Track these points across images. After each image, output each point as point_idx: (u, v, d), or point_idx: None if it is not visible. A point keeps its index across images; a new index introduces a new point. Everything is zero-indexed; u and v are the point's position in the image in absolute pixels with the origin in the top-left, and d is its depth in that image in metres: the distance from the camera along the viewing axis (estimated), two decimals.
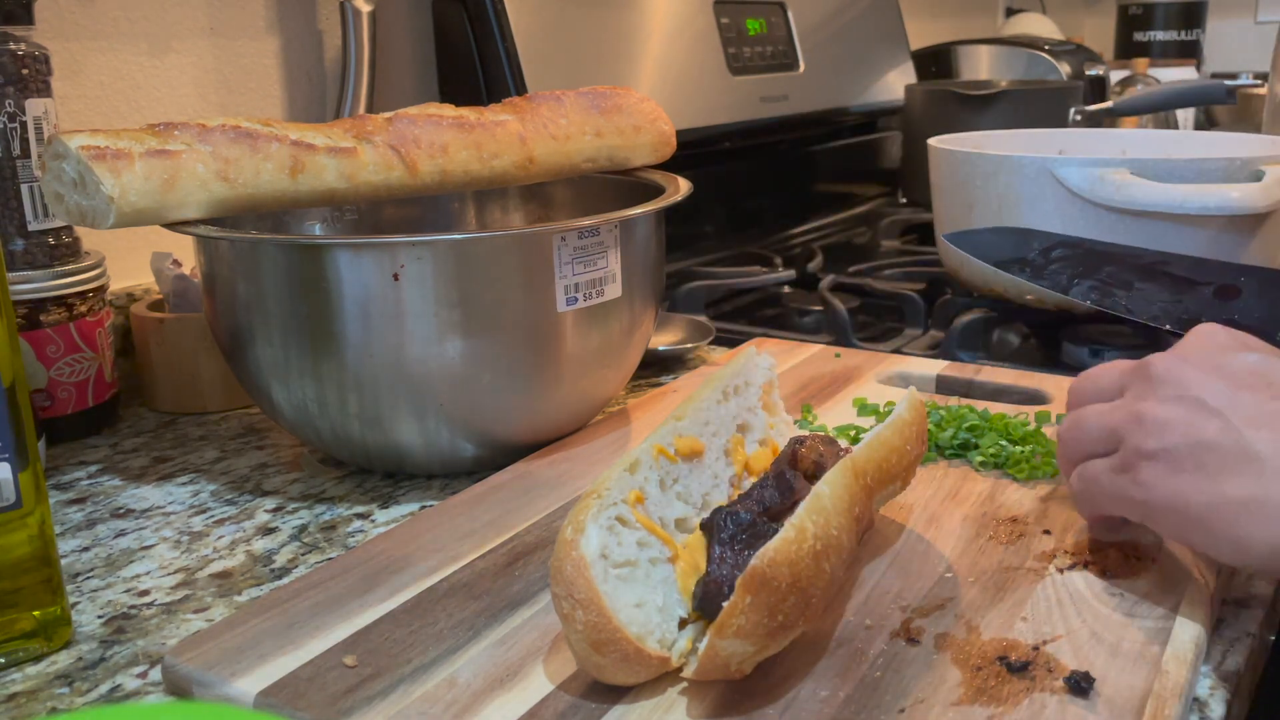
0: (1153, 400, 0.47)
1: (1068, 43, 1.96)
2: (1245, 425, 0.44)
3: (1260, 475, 0.43)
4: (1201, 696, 0.45)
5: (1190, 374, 0.47)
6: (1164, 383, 0.47)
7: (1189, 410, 0.46)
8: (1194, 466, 0.45)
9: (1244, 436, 0.44)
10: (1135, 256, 0.63)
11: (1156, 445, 0.46)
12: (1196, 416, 0.45)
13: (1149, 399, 0.48)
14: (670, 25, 1.21)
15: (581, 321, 0.64)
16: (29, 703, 0.45)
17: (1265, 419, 0.44)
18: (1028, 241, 0.66)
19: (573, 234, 0.62)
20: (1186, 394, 0.46)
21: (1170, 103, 1.52)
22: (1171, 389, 0.47)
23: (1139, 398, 0.48)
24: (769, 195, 1.43)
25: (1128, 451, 0.48)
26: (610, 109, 0.76)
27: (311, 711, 0.42)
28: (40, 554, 0.48)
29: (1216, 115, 2.29)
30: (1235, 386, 0.46)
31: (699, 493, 0.49)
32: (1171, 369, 0.47)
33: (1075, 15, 3.02)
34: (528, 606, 0.49)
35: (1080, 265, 0.67)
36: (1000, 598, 0.49)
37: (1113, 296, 0.66)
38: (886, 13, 1.64)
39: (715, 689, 0.43)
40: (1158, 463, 0.46)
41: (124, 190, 0.58)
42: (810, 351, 0.85)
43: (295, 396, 0.63)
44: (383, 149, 0.66)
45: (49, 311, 0.72)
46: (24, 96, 0.69)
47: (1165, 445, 0.46)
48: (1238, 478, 0.44)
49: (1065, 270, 0.66)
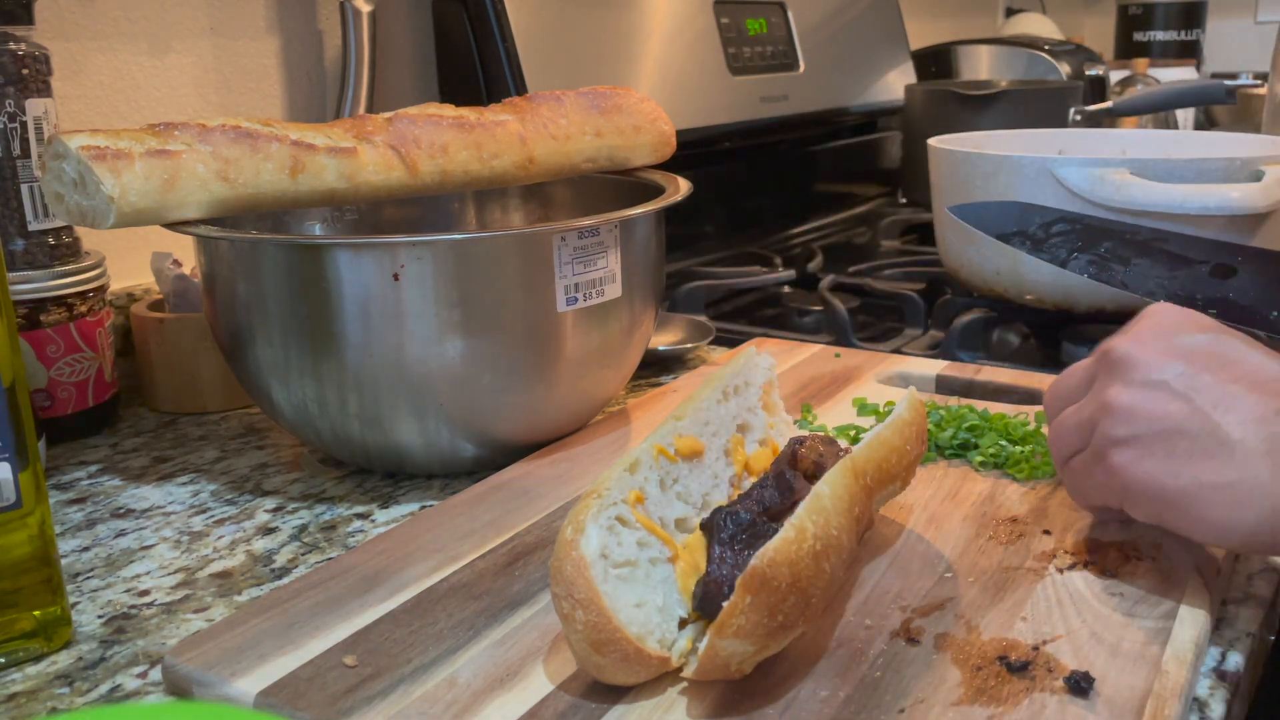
0: (1117, 386, 0.48)
1: (1068, 43, 1.96)
2: (1212, 408, 0.45)
3: (1232, 458, 0.44)
4: (1201, 696, 0.45)
5: (1150, 356, 0.47)
6: (1126, 367, 0.48)
7: (1154, 394, 0.46)
8: (1164, 451, 0.46)
9: (1212, 419, 0.45)
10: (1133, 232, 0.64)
11: (1126, 431, 0.47)
12: (1162, 400, 0.46)
13: (1113, 385, 0.48)
14: (670, 25, 1.21)
15: (581, 321, 0.64)
16: (29, 703, 0.45)
17: (1230, 400, 0.45)
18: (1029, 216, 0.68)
19: (573, 234, 0.62)
20: (1149, 378, 0.47)
21: (1170, 103, 1.52)
22: (1134, 373, 0.47)
23: (1104, 386, 0.49)
24: (769, 195, 1.43)
25: (1099, 440, 0.49)
26: (610, 109, 0.76)
27: (311, 711, 0.42)
28: (40, 554, 0.48)
29: (1216, 115, 2.29)
30: (1196, 368, 0.46)
31: (699, 493, 0.49)
32: (1130, 353, 0.48)
33: (1075, 15, 3.02)
34: (528, 606, 0.49)
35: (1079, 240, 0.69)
36: (1000, 598, 0.49)
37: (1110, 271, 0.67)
38: (886, 13, 1.64)
39: (715, 689, 0.43)
40: (1128, 448, 0.47)
41: (124, 190, 0.58)
42: (810, 351, 0.85)
43: (295, 396, 0.63)
44: (383, 149, 0.66)
45: (49, 311, 0.72)
46: (24, 96, 0.69)
47: (1134, 431, 0.47)
48: (1210, 461, 0.45)
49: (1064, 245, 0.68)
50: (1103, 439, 0.48)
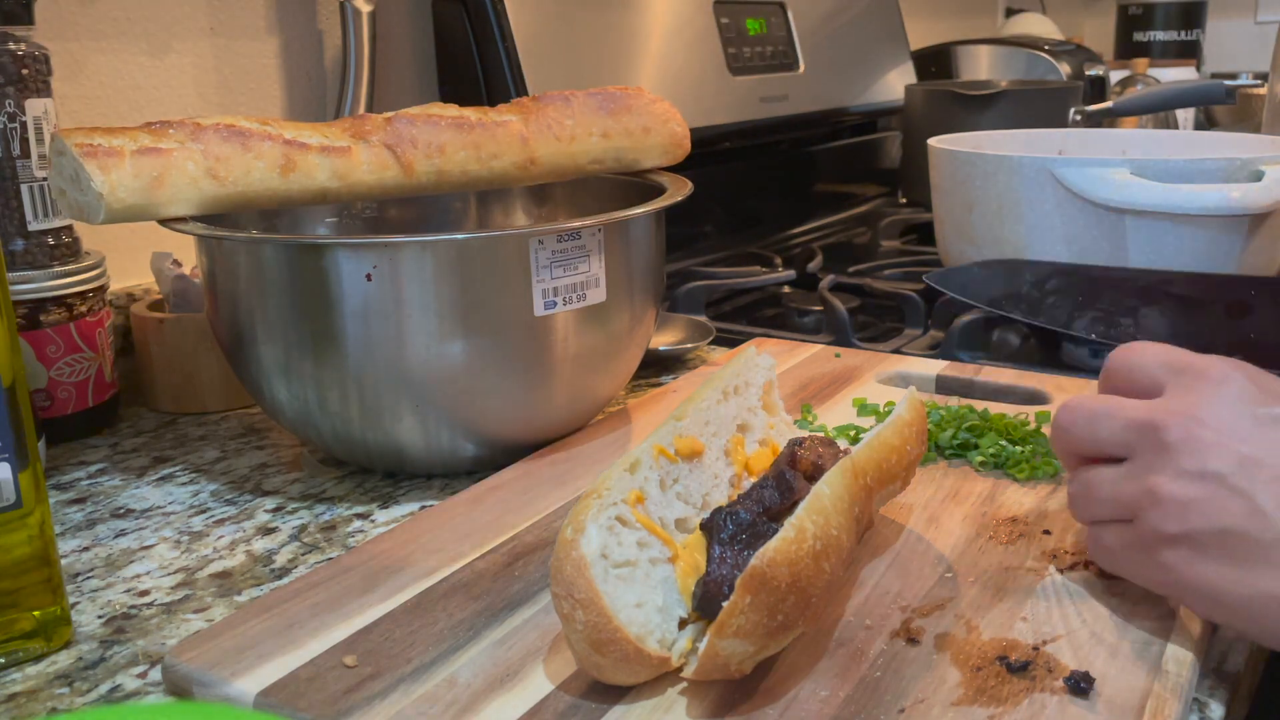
0: (1168, 474, 0.43)
1: (1068, 43, 1.96)
2: (1275, 508, 0.41)
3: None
4: (1201, 696, 0.45)
5: (1208, 442, 0.42)
6: (1178, 453, 0.43)
7: (1210, 489, 0.42)
8: (1221, 553, 0.42)
9: (1274, 523, 0.41)
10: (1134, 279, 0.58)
11: (1178, 529, 0.43)
12: (1218, 497, 0.42)
13: (1163, 472, 0.43)
14: (670, 25, 1.21)
15: (581, 322, 0.64)
16: (29, 703, 0.45)
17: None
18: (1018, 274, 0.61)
19: (551, 237, 0.61)
20: (1205, 469, 0.42)
21: (1170, 103, 1.52)
22: (1187, 461, 0.43)
23: (1150, 470, 0.44)
24: (769, 195, 1.43)
25: (1145, 532, 0.44)
26: (619, 110, 0.75)
27: (311, 711, 0.42)
28: (40, 554, 0.48)
29: (1216, 115, 2.29)
30: (1257, 456, 0.42)
31: (699, 493, 0.49)
32: (1187, 437, 0.43)
33: (1075, 15, 3.02)
34: (528, 606, 0.49)
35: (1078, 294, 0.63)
36: (1000, 598, 0.49)
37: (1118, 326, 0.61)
38: (886, 13, 1.64)
39: (715, 689, 0.43)
40: (1182, 548, 0.43)
41: (113, 186, 0.58)
42: (810, 351, 0.85)
43: (296, 395, 0.63)
44: (378, 148, 0.66)
45: (49, 311, 0.72)
46: (24, 96, 0.69)
47: (1187, 529, 0.43)
48: (1271, 569, 0.41)
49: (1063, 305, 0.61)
50: (1151, 533, 0.44)
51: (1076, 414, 0.48)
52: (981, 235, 0.91)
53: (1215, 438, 0.43)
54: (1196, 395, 0.44)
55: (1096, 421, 0.47)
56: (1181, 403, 0.44)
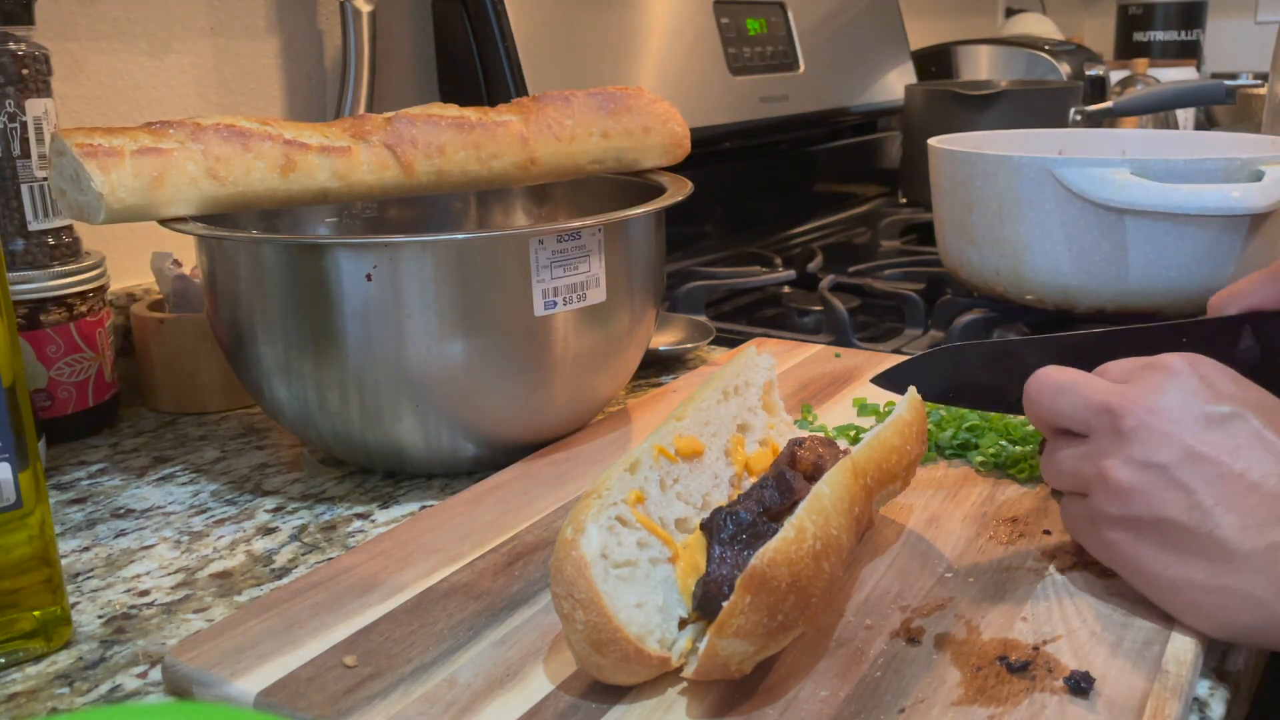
0: (1119, 459, 0.46)
1: (1068, 43, 1.96)
2: (1213, 504, 0.43)
3: (1228, 563, 0.43)
4: (1201, 696, 0.45)
5: (1159, 433, 0.45)
6: (1131, 440, 0.46)
7: (1153, 479, 0.45)
8: (1157, 540, 0.45)
9: (1211, 518, 0.43)
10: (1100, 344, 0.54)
11: (1120, 511, 0.46)
12: (1160, 487, 0.44)
13: (1115, 457, 0.46)
14: (670, 25, 1.21)
15: (581, 322, 0.64)
16: (29, 703, 0.45)
17: (1233, 499, 0.43)
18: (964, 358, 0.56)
19: (551, 237, 0.61)
20: (1151, 460, 0.45)
21: (1170, 103, 1.52)
22: (1138, 449, 0.45)
23: (1104, 453, 0.47)
24: (769, 195, 1.43)
25: (1094, 508, 0.48)
26: (619, 110, 0.75)
27: (311, 711, 0.42)
28: (40, 554, 0.48)
29: (1216, 115, 2.29)
30: (1200, 452, 0.44)
31: (699, 493, 0.49)
32: (1140, 425, 0.45)
33: (1075, 15, 3.02)
34: (528, 606, 0.49)
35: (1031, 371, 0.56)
36: (1000, 598, 0.49)
37: None
38: (886, 13, 1.64)
39: (715, 689, 0.43)
40: (1122, 529, 0.46)
41: (113, 187, 0.58)
42: (810, 351, 0.85)
43: (296, 395, 0.63)
44: (378, 149, 0.66)
45: (49, 311, 0.72)
46: (24, 96, 0.69)
47: (1129, 513, 0.46)
48: (1203, 561, 0.44)
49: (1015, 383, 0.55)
50: (1097, 510, 0.47)
51: (1044, 385, 0.50)
52: (981, 235, 0.91)
53: (1167, 430, 0.45)
54: (1156, 386, 0.47)
55: (1061, 396, 0.50)
56: (1141, 391, 0.47)
